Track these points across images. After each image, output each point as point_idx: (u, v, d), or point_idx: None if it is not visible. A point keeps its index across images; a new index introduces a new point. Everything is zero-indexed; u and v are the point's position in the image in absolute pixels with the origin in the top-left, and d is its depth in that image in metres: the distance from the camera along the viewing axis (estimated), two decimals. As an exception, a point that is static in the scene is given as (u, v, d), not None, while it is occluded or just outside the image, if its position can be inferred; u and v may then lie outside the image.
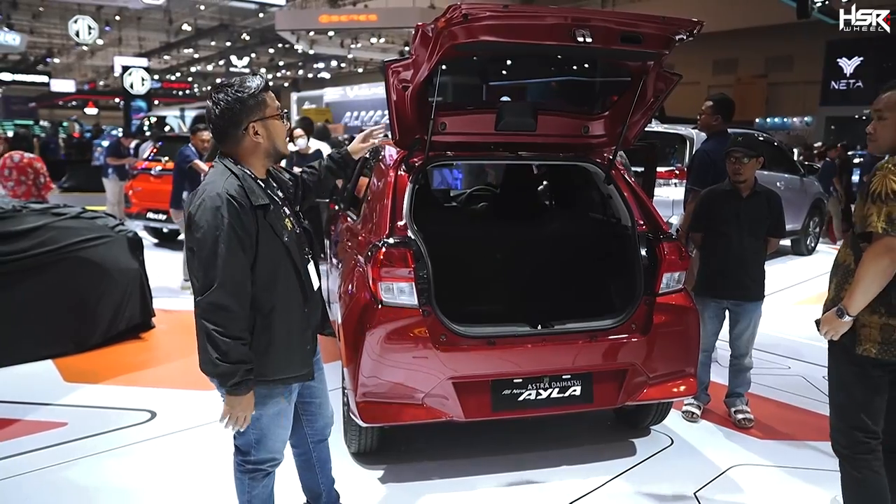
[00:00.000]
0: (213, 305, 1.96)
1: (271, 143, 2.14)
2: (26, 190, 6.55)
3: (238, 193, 2.00)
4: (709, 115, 4.57)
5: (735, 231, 3.64)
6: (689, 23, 2.84)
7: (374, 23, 23.11)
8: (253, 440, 2.26)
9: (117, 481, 3.15)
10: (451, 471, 3.25)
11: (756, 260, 3.70)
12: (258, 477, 2.32)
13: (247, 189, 2.03)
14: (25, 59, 36.85)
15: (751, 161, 3.59)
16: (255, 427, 2.21)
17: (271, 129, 2.12)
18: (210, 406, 4.00)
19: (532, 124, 3.43)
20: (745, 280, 3.67)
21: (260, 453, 2.28)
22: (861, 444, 2.31)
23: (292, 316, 2.16)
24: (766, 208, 3.67)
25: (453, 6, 2.57)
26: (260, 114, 2.10)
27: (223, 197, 1.97)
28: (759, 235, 3.69)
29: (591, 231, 3.90)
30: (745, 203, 3.65)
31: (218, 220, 1.95)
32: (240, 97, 2.06)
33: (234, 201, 1.98)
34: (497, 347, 3.04)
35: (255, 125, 2.09)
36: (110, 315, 5.07)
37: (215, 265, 1.95)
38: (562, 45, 2.81)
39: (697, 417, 3.85)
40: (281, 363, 2.16)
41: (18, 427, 3.68)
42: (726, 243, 3.66)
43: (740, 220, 3.64)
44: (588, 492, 3.08)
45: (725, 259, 3.67)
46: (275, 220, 2.09)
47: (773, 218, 3.70)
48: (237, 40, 31.89)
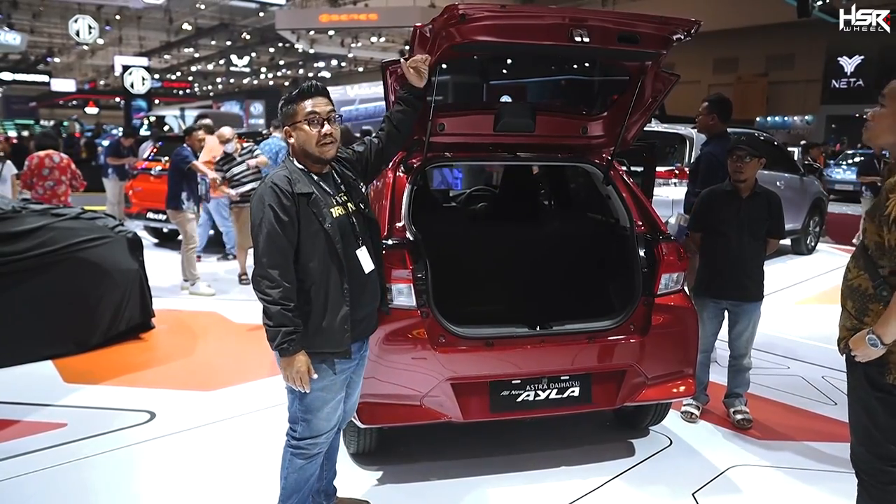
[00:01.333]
0: (259, 276, 2.25)
1: (300, 145, 2.36)
2: (65, 190, 6.66)
3: (282, 182, 2.27)
4: (705, 115, 4.55)
5: (735, 231, 3.62)
6: (687, 22, 2.83)
7: (375, 22, 23.10)
8: (299, 414, 2.43)
9: (117, 482, 3.15)
10: (449, 471, 3.25)
11: (755, 261, 3.68)
12: (299, 456, 2.46)
13: (291, 179, 2.29)
14: (26, 58, 36.86)
15: (753, 161, 3.57)
16: (300, 400, 2.40)
17: (299, 134, 2.35)
18: (210, 407, 4.01)
19: (530, 125, 3.43)
20: (745, 281, 3.66)
21: (304, 430, 2.44)
22: (883, 473, 2.18)
23: (330, 294, 2.33)
24: (766, 209, 3.66)
25: (451, 6, 2.57)
26: (291, 119, 2.36)
27: (268, 185, 2.28)
28: (759, 236, 3.67)
29: (590, 232, 3.89)
30: (746, 203, 3.63)
31: (263, 205, 2.25)
32: (282, 104, 2.40)
33: (277, 188, 2.26)
34: (495, 348, 3.04)
35: (289, 129, 2.38)
36: (110, 315, 5.07)
37: (259, 241, 2.25)
38: (559, 45, 2.81)
39: (696, 418, 3.85)
40: (318, 338, 2.33)
41: (18, 428, 3.69)
42: (725, 244, 3.65)
43: (740, 220, 3.62)
44: (587, 492, 3.08)
45: (725, 259, 3.65)
46: (317, 207, 2.30)
47: (773, 219, 3.68)
48: (237, 39, 31.89)
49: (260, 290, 2.24)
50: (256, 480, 3.15)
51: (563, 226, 4.17)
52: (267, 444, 3.49)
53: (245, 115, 37.17)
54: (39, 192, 6.62)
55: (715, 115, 4.50)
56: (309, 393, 2.35)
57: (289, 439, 2.49)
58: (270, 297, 2.22)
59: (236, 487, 3.10)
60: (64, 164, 6.69)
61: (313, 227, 2.29)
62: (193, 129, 7.02)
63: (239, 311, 6.08)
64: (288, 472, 2.49)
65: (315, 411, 2.41)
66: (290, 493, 2.51)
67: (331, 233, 2.31)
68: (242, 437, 3.61)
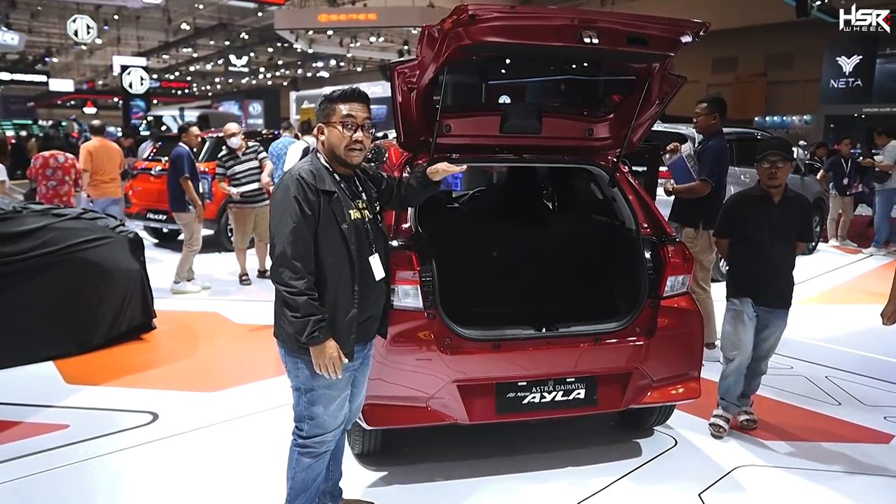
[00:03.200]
0: (282, 267, 2.24)
1: (329, 145, 2.39)
2: (68, 190, 6.66)
3: (308, 176, 2.31)
4: (706, 115, 4.67)
5: (768, 237, 3.52)
6: (695, 24, 2.83)
7: (374, 22, 23.08)
8: (305, 413, 2.44)
9: (119, 483, 3.14)
10: (455, 472, 3.25)
11: (788, 266, 3.61)
12: (306, 454, 2.47)
13: (316, 175, 2.33)
14: (24, 58, 36.78)
15: (786, 165, 3.47)
16: (306, 398, 2.42)
17: (331, 133, 2.38)
18: (212, 408, 3.99)
19: (536, 127, 3.42)
20: (780, 287, 3.59)
21: (311, 428, 2.45)
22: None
23: (339, 294, 2.34)
24: (797, 213, 3.58)
25: (460, 7, 2.56)
26: (326, 118, 2.39)
27: (294, 177, 2.30)
28: (791, 241, 3.59)
29: (596, 234, 3.89)
30: (778, 208, 3.53)
31: (287, 195, 2.27)
32: (321, 102, 2.43)
33: (304, 181, 2.29)
34: (501, 350, 3.04)
35: (322, 126, 2.41)
36: (111, 316, 5.06)
37: (282, 232, 2.25)
38: (568, 47, 2.80)
39: (724, 431, 3.66)
40: None
41: (20, 429, 3.67)
42: (759, 250, 3.54)
43: (773, 225, 3.52)
44: (593, 493, 3.08)
45: (759, 266, 3.56)
46: (337, 207, 2.33)
47: (803, 223, 3.61)
48: (236, 39, 31.83)
49: (283, 281, 2.24)
50: (260, 481, 3.14)
51: (569, 227, 4.17)
52: (270, 445, 3.48)
53: (244, 114, 37.18)
54: (42, 191, 6.64)
55: (717, 114, 4.71)
56: (315, 391, 2.38)
57: (295, 439, 2.50)
58: (296, 288, 2.22)
59: (240, 488, 3.09)
60: (68, 165, 6.69)
61: (331, 226, 2.32)
62: (190, 125, 7.01)
63: (240, 312, 6.06)
64: (295, 472, 2.50)
65: (321, 409, 2.42)
66: (298, 493, 2.51)
67: (347, 234, 2.33)
68: (245, 438, 3.60)
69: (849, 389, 4.42)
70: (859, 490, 3.16)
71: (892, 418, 4.01)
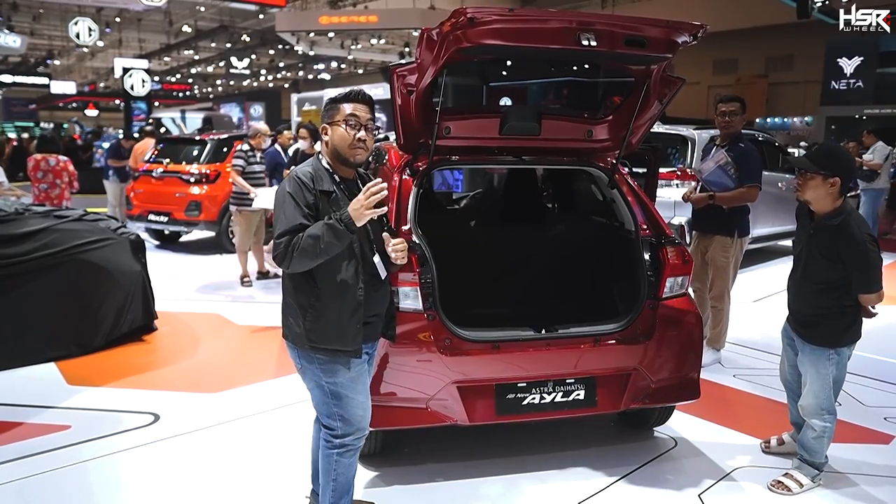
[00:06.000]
0: (283, 243, 2.25)
1: (333, 145, 2.41)
2: (60, 193, 6.68)
3: (305, 175, 2.35)
4: (740, 114, 4.56)
5: (803, 254, 3.08)
6: (693, 26, 2.84)
7: (375, 24, 23.07)
8: (336, 413, 2.43)
9: (121, 484, 3.15)
10: (455, 472, 3.26)
11: (816, 297, 3.02)
12: (345, 454, 2.47)
13: (314, 175, 2.37)
14: (26, 60, 36.82)
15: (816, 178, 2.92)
16: (333, 398, 2.41)
17: (335, 132, 2.40)
18: (214, 409, 4.00)
19: (536, 128, 3.43)
20: (798, 315, 3.15)
21: (345, 426, 2.44)
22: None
23: (345, 294, 2.35)
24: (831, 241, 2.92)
25: (459, 10, 2.57)
26: (330, 118, 2.42)
27: (292, 177, 2.37)
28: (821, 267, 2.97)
29: (595, 235, 3.90)
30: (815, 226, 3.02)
31: (283, 193, 2.33)
32: (325, 104, 2.46)
33: (300, 180, 2.33)
34: (501, 351, 3.05)
35: (326, 127, 2.43)
36: (113, 317, 5.07)
37: (278, 223, 2.29)
38: (567, 49, 2.82)
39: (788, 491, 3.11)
40: (331, 335, 2.35)
41: (22, 430, 3.68)
42: (793, 265, 3.20)
43: (810, 245, 3.03)
44: (593, 494, 3.09)
45: (790, 282, 3.22)
46: (337, 206, 2.34)
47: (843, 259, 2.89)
48: (237, 41, 31.86)
49: (287, 255, 2.23)
50: (261, 481, 3.15)
51: (568, 229, 4.18)
52: (271, 446, 3.50)
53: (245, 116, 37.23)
54: (35, 193, 6.66)
55: (745, 114, 4.59)
56: (338, 385, 2.39)
57: (329, 442, 2.48)
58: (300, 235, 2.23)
59: (241, 489, 3.10)
60: (60, 168, 6.70)
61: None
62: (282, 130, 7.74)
63: (241, 313, 6.08)
64: (337, 475, 2.49)
65: (350, 402, 2.43)
66: (342, 495, 2.52)
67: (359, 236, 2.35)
68: (247, 439, 3.61)
69: (849, 390, 4.42)
70: (859, 490, 3.17)
71: (892, 419, 4.01)
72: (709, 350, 4.70)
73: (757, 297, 6.71)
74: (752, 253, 7.55)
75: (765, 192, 4.91)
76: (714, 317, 4.79)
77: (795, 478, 3.15)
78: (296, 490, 3.06)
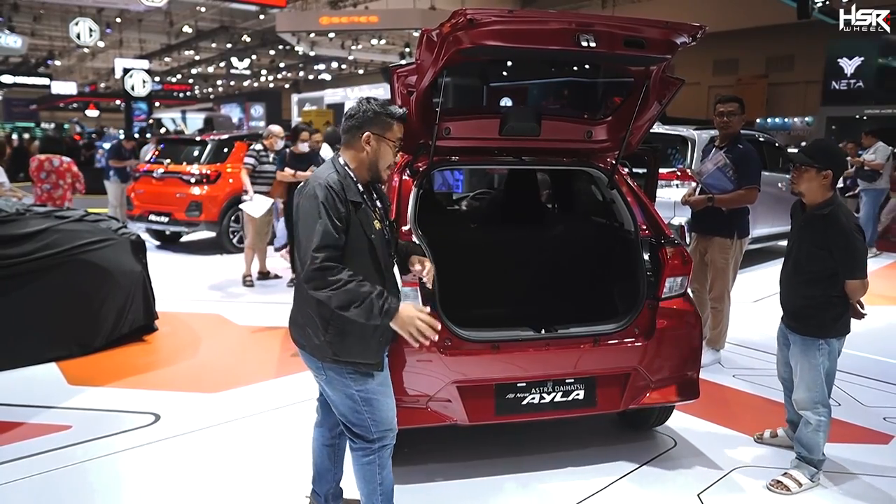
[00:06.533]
0: (317, 270, 2.16)
1: (374, 159, 2.36)
2: (62, 193, 6.69)
3: (336, 184, 2.26)
4: (739, 115, 4.56)
5: (794, 246, 3.22)
6: (691, 27, 2.85)
7: (375, 24, 23.09)
8: (367, 419, 2.39)
9: (121, 484, 3.16)
10: (454, 472, 3.26)
11: (805, 288, 3.13)
12: (384, 455, 2.45)
13: (343, 184, 2.28)
14: (26, 61, 36.87)
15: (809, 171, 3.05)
16: (364, 405, 2.37)
17: (380, 149, 2.35)
18: (215, 409, 4.01)
19: (536, 129, 3.44)
20: (789, 308, 3.27)
21: (379, 428, 2.41)
22: None
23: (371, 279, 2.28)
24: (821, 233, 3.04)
25: (458, 11, 2.58)
26: (382, 131, 2.34)
27: (322, 185, 2.25)
28: (813, 260, 3.07)
29: (595, 235, 3.91)
30: (805, 218, 3.16)
31: (314, 203, 2.21)
32: (376, 110, 2.34)
33: (331, 189, 2.24)
34: (501, 351, 3.05)
35: (371, 136, 2.33)
36: (114, 317, 5.08)
37: (310, 239, 2.18)
38: (566, 50, 2.83)
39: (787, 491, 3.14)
40: (354, 348, 2.32)
41: (23, 430, 3.69)
42: (785, 259, 3.29)
43: (801, 235, 3.16)
44: (592, 493, 3.09)
45: (781, 276, 3.31)
46: (364, 218, 2.30)
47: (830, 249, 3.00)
48: (238, 42, 31.89)
49: (324, 283, 2.15)
50: (261, 482, 3.16)
51: (568, 229, 4.19)
52: (272, 446, 3.51)
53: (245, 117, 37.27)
54: (38, 193, 6.68)
55: (744, 115, 4.60)
56: (369, 392, 2.36)
57: (365, 452, 2.42)
58: (341, 280, 2.15)
59: (242, 489, 3.11)
60: (63, 168, 6.72)
61: (359, 237, 2.28)
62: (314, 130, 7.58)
63: (241, 314, 6.08)
64: (382, 479, 2.46)
65: (383, 406, 2.41)
66: (390, 497, 2.51)
67: (375, 243, 2.32)
68: (247, 439, 3.62)
69: (848, 390, 4.43)
70: (858, 490, 3.18)
71: (891, 419, 4.02)
72: (708, 350, 4.71)
73: (757, 297, 6.72)
74: (752, 253, 7.56)
75: (764, 193, 4.92)
76: (714, 317, 4.79)
77: (794, 477, 3.17)
78: (295, 490, 3.07)
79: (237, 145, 9.16)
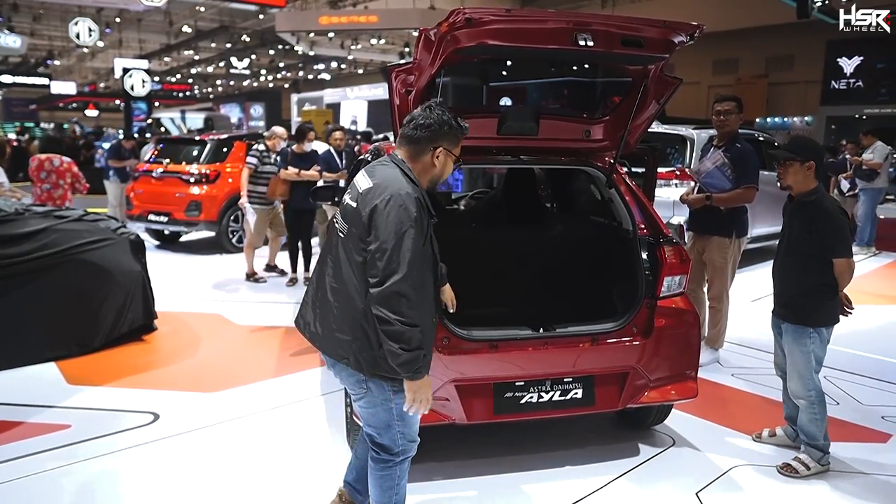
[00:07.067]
0: (396, 294, 2.08)
1: (440, 173, 2.34)
2: (62, 194, 6.69)
3: (422, 198, 2.21)
4: (737, 114, 4.56)
5: (784, 236, 3.37)
6: (689, 26, 2.85)
7: (375, 24, 23.10)
8: (398, 433, 2.39)
9: (121, 483, 3.16)
10: (453, 471, 3.27)
11: (795, 276, 3.28)
12: (404, 467, 2.46)
13: (424, 196, 2.24)
14: (26, 61, 36.87)
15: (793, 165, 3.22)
16: (399, 418, 2.35)
17: (445, 163, 2.33)
18: (214, 408, 4.02)
19: (534, 128, 3.45)
20: (780, 298, 3.40)
21: (406, 440, 2.41)
22: None
23: (431, 322, 2.30)
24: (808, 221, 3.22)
25: (456, 10, 2.59)
26: (451, 146, 2.31)
27: (413, 196, 2.16)
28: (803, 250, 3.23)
29: (593, 234, 3.91)
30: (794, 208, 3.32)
31: (406, 215, 2.11)
32: (452, 125, 2.30)
33: (421, 204, 2.18)
34: (499, 350, 3.06)
35: (442, 150, 2.29)
36: (113, 317, 5.08)
37: (399, 256, 2.08)
38: (564, 50, 2.83)
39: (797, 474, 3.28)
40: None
41: (22, 429, 3.70)
42: (776, 252, 3.43)
43: (791, 224, 3.32)
44: (591, 492, 3.10)
45: (773, 269, 3.43)
46: (433, 232, 2.29)
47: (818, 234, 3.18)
48: (237, 42, 31.91)
49: (398, 310, 2.08)
50: (261, 481, 3.16)
51: (566, 228, 4.19)
52: (271, 446, 3.51)
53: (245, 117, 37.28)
54: (38, 193, 6.68)
55: (742, 114, 4.61)
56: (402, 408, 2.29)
57: (387, 463, 2.41)
58: (409, 319, 2.08)
59: (241, 489, 3.11)
60: (63, 168, 6.71)
61: (429, 250, 2.25)
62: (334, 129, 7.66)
63: (240, 313, 6.09)
64: (398, 490, 2.46)
65: (412, 419, 2.38)
66: (403, 501, 2.51)
67: (437, 257, 2.32)
68: (246, 439, 3.62)
69: (847, 389, 4.44)
70: (857, 490, 3.18)
71: (889, 418, 4.02)
72: (707, 350, 4.72)
73: (755, 296, 6.72)
74: (751, 253, 7.56)
75: (763, 192, 4.92)
76: (713, 317, 4.79)
77: (802, 461, 3.31)
78: (295, 489, 3.07)
79: (236, 145, 9.17)
